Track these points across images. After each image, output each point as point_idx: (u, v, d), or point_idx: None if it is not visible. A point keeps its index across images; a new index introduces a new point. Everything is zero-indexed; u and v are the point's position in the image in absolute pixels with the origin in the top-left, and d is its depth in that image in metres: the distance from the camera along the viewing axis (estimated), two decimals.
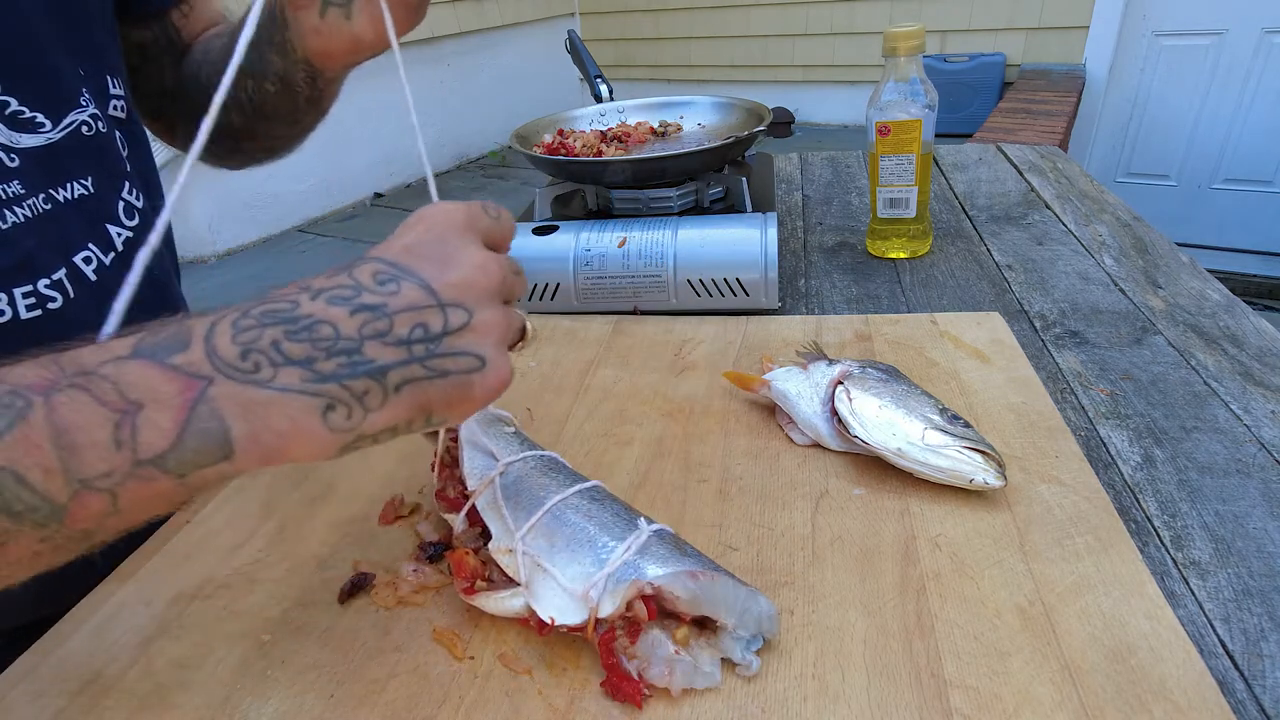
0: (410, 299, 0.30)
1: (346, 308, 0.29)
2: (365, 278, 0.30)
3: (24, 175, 0.44)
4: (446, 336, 0.30)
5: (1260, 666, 0.37)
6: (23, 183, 0.44)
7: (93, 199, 0.48)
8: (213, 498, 0.52)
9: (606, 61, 4.01)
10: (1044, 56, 2.98)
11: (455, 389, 0.31)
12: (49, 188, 0.45)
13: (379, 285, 0.30)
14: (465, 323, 0.31)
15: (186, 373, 0.27)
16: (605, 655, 0.36)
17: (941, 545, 0.43)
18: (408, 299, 0.30)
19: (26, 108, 0.44)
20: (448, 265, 0.31)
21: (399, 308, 0.30)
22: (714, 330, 0.69)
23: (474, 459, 0.46)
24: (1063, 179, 1.04)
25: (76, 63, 0.48)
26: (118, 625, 0.43)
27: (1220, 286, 0.72)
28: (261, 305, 0.29)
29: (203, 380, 0.27)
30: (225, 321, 0.28)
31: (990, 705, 0.34)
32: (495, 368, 0.32)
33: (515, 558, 0.39)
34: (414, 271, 0.31)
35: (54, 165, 0.46)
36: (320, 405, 0.28)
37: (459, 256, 0.32)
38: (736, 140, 0.79)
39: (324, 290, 0.30)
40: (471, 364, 0.31)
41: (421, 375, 0.30)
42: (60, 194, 0.46)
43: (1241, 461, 0.50)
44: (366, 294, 0.30)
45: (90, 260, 0.47)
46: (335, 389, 0.28)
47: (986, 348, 0.63)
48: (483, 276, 0.32)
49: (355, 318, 0.29)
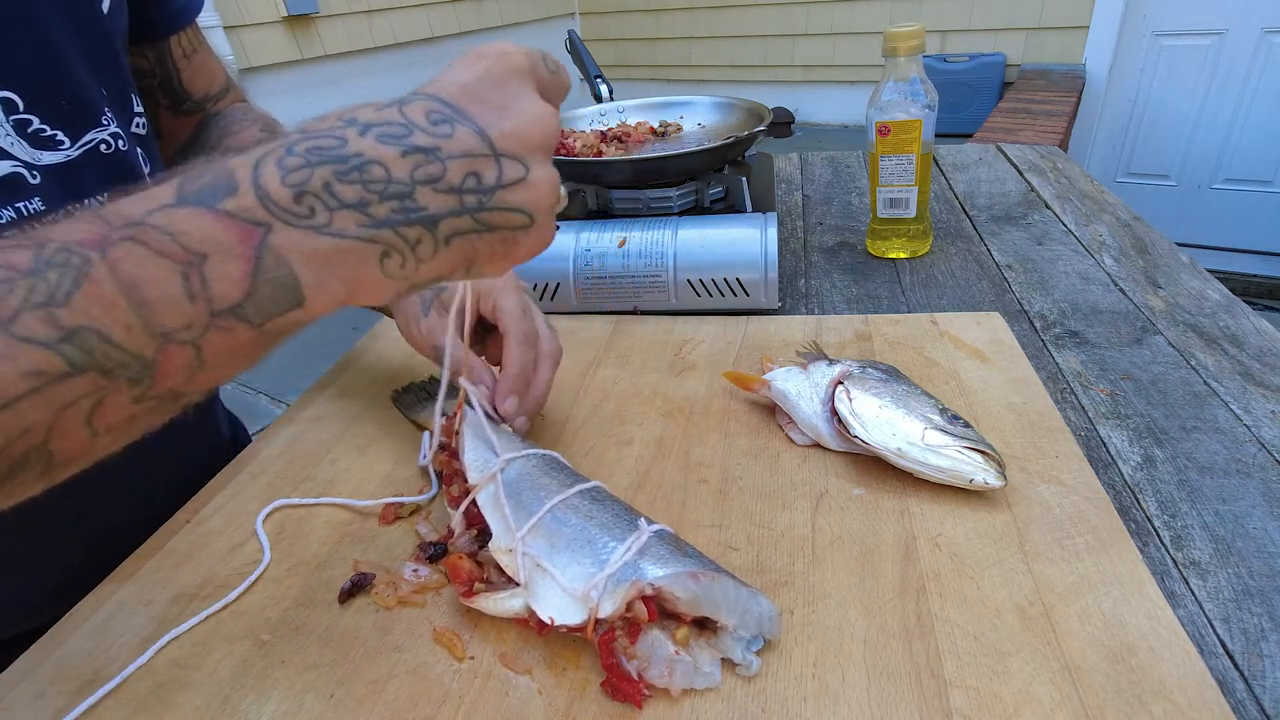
0: (465, 145, 0.29)
1: (398, 147, 0.28)
2: (418, 115, 0.29)
3: (45, 192, 0.44)
4: (499, 190, 0.29)
5: (1260, 666, 0.37)
6: (44, 200, 0.44)
7: None
8: (213, 497, 0.52)
9: (606, 61, 4.01)
10: (1044, 56, 2.97)
11: (501, 245, 0.30)
12: (67, 205, 0.45)
13: (432, 125, 0.29)
14: (520, 178, 0.30)
15: (243, 219, 0.26)
16: (605, 655, 0.36)
17: (941, 545, 0.43)
18: (463, 144, 0.29)
19: (48, 126, 0.44)
20: (505, 113, 0.30)
21: (453, 153, 0.28)
22: (714, 330, 0.69)
23: (475, 450, 0.46)
24: (1063, 179, 1.04)
25: (99, 81, 0.48)
26: (118, 625, 0.43)
27: (1220, 286, 0.72)
28: (305, 140, 0.27)
29: (261, 227, 0.26)
30: (270, 161, 0.27)
31: (990, 705, 0.34)
32: (540, 227, 0.31)
33: (515, 557, 0.39)
34: (470, 115, 0.29)
35: (73, 182, 0.46)
36: (377, 252, 0.28)
37: (517, 105, 0.30)
38: (736, 140, 0.79)
39: (372, 125, 0.28)
40: (521, 220, 0.30)
41: (471, 228, 0.29)
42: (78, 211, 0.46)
43: (1241, 461, 0.50)
44: (419, 134, 0.28)
45: None
46: (390, 235, 0.28)
47: (986, 348, 0.63)
48: (539, 130, 0.30)
49: (407, 159, 0.28)
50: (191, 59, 0.60)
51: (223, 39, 2.72)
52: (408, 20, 3.46)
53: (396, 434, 0.58)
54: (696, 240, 0.71)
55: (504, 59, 0.31)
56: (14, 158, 0.43)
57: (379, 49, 3.38)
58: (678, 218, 0.73)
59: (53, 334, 0.23)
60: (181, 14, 0.58)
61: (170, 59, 0.59)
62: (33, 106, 0.44)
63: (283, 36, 2.97)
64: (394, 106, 0.29)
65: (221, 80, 0.64)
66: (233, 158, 0.27)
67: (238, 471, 0.55)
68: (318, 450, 0.57)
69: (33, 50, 0.44)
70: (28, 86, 0.43)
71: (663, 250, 0.71)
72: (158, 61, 0.58)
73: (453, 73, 0.31)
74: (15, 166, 0.43)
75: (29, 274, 0.24)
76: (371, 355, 0.71)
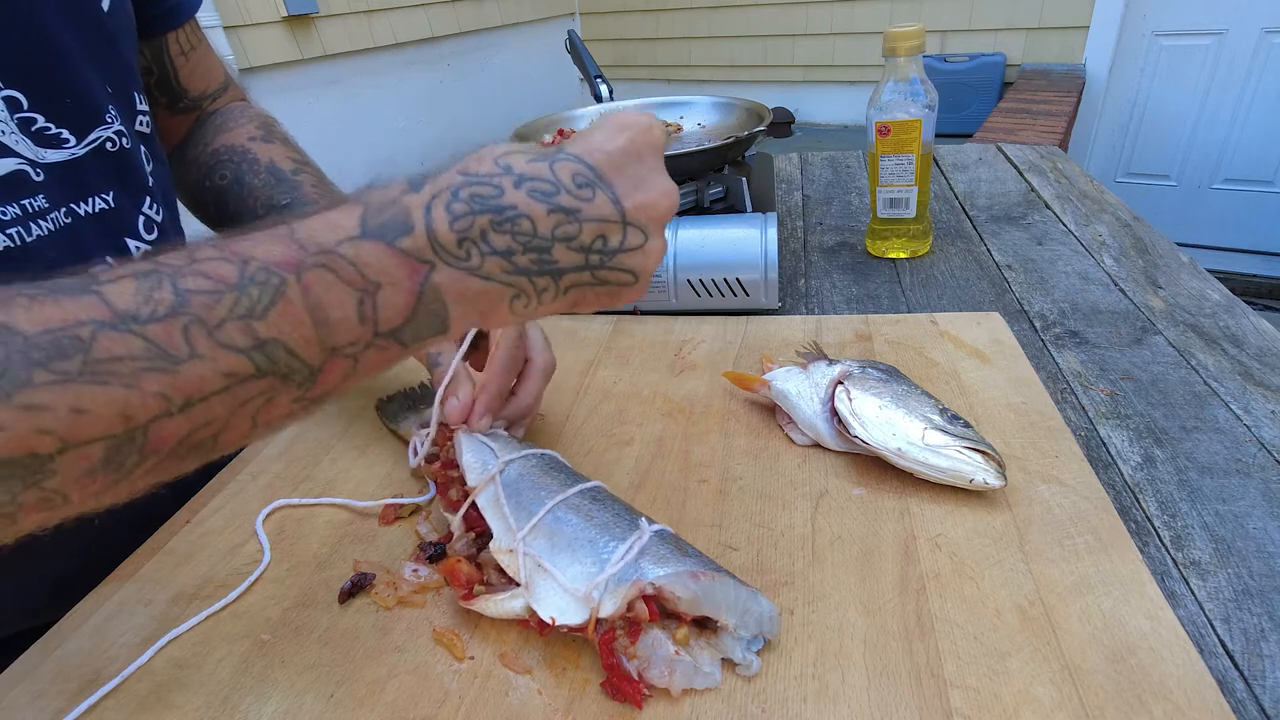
0: (601, 211, 0.32)
1: (545, 205, 0.31)
2: (565, 177, 0.32)
3: (48, 190, 0.44)
4: (620, 253, 0.33)
5: (1260, 666, 0.37)
6: (47, 197, 0.44)
7: (112, 213, 0.48)
8: (213, 497, 0.52)
9: (606, 61, 4.01)
10: (1044, 56, 2.97)
11: (605, 296, 0.35)
12: (70, 202, 0.46)
13: (576, 188, 0.32)
14: (640, 245, 0.34)
15: (414, 257, 0.30)
16: (605, 655, 0.36)
17: (941, 545, 0.43)
18: (599, 211, 0.32)
19: (53, 124, 0.45)
20: (639, 186, 0.33)
21: (590, 217, 0.32)
22: (714, 330, 0.69)
23: (474, 453, 0.46)
24: (1063, 179, 1.04)
25: (103, 79, 0.48)
26: (118, 625, 0.43)
27: (1220, 286, 0.72)
28: (469, 185, 0.31)
29: (426, 265, 0.30)
30: (440, 203, 0.30)
31: (990, 705, 0.34)
32: (641, 285, 0.35)
33: (516, 558, 0.39)
34: (610, 184, 0.33)
35: (77, 180, 0.46)
36: (511, 294, 0.32)
37: (650, 180, 0.34)
38: (736, 140, 0.79)
39: (525, 179, 0.31)
40: (628, 280, 0.34)
41: (587, 282, 0.33)
42: (81, 208, 0.46)
43: (1241, 461, 0.50)
44: (564, 195, 0.32)
45: None
46: (525, 282, 0.32)
47: (986, 348, 0.62)
48: (665, 205, 0.34)
49: (551, 217, 0.31)
50: (189, 56, 0.60)
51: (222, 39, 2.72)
52: (408, 20, 3.45)
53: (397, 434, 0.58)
54: (696, 240, 0.71)
55: (647, 135, 0.34)
56: (18, 155, 0.43)
57: (379, 49, 3.38)
58: (678, 218, 0.73)
59: (248, 342, 0.27)
60: (179, 11, 0.58)
61: (168, 56, 0.59)
62: (37, 105, 0.44)
63: (283, 36, 2.97)
64: (545, 163, 0.32)
65: (220, 78, 0.64)
66: (407, 195, 0.31)
67: (238, 471, 0.55)
68: (318, 450, 0.57)
69: (36, 49, 0.44)
70: (32, 85, 0.43)
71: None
72: (155, 59, 0.58)
73: (598, 138, 0.34)
74: (19, 164, 0.43)
75: (234, 288, 0.27)
76: None
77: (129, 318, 0.26)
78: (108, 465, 0.26)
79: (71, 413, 0.24)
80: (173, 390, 0.26)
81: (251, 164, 0.59)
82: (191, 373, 0.26)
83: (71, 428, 0.25)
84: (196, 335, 0.26)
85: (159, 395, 0.26)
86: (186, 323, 0.26)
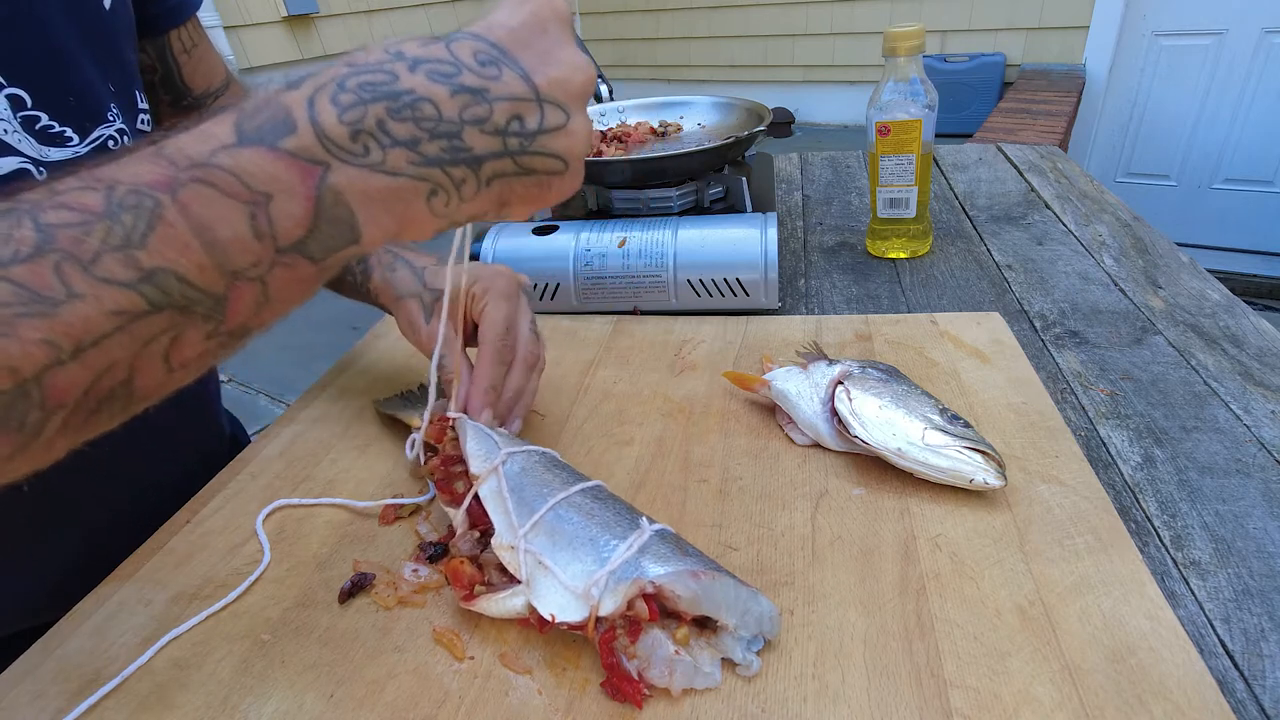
0: (511, 89, 0.30)
1: (447, 86, 0.29)
2: (466, 55, 0.29)
3: None
4: (540, 135, 0.30)
5: (1260, 666, 0.37)
6: None
7: None
8: (213, 497, 0.52)
9: (606, 61, 4.01)
10: (1044, 56, 2.98)
11: (535, 188, 0.32)
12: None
13: (480, 66, 0.29)
14: (560, 124, 0.31)
15: (303, 158, 0.27)
16: (605, 655, 0.36)
17: (941, 545, 0.43)
18: (509, 88, 0.29)
19: (56, 122, 0.45)
20: (549, 59, 0.31)
21: (499, 95, 0.29)
22: (714, 330, 0.69)
23: (479, 440, 0.46)
24: (1063, 179, 1.04)
25: (105, 78, 0.48)
26: (118, 625, 0.43)
27: (1220, 286, 0.72)
28: (357, 75, 0.28)
29: (320, 165, 0.27)
30: (324, 96, 0.27)
31: (990, 705, 0.34)
32: (573, 174, 0.32)
33: (517, 554, 0.39)
34: (516, 59, 0.30)
35: None
36: (426, 190, 0.29)
37: (560, 53, 0.31)
38: (736, 140, 0.79)
39: (421, 61, 0.29)
40: (557, 166, 0.31)
41: (511, 170, 0.30)
42: None
43: (1241, 461, 0.50)
44: (467, 73, 0.29)
45: None
46: (438, 174, 0.29)
47: (986, 348, 0.63)
48: (580, 79, 0.31)
49: (456, 99, 0.29)
50: (192, 54, 0.60)
51: (223, 39, 2.72)
52: (408, 20, 3.46)
53: (396, 434, 0.58)
54: (696, 240, 0.71)
55: (548, 4, 0.32)
56: (21, 153, 0.43)
57: None
58: (678, 218, 0.73)
59: (132, 275, 0.25)
60: (181, 9, 0.58)
61: (170, 54, 0.59)
62: (40, 103, 0.44)
63: (283, 36, 2.97)
64: (440, 44, 0.29)
65: (222, 76, 0.64)
66: (284, 93, 0.28)
67: (238, 471, 0.55)
68: (318, 450, 0.57)
69: (38, 47, 0.44)
70: (35, 83, 0.43)
71: (663, 250, 0.71)
72: (158, 57, 0.58)
73: (498, 14, 0.31)
74: (22, 162, 0.43)
75: (104, 216, 0.24)
76: (371, 355, 0.71)
77: None
78: (6, 425, 0.24)
79: None
80: (57, 335, 0.24)
81: None
82: (74, 314, 0.24)
83: None
84: (70, 273, 0.24)
85: (43, 343, 0.23)
86: (57, 260, 0.24)
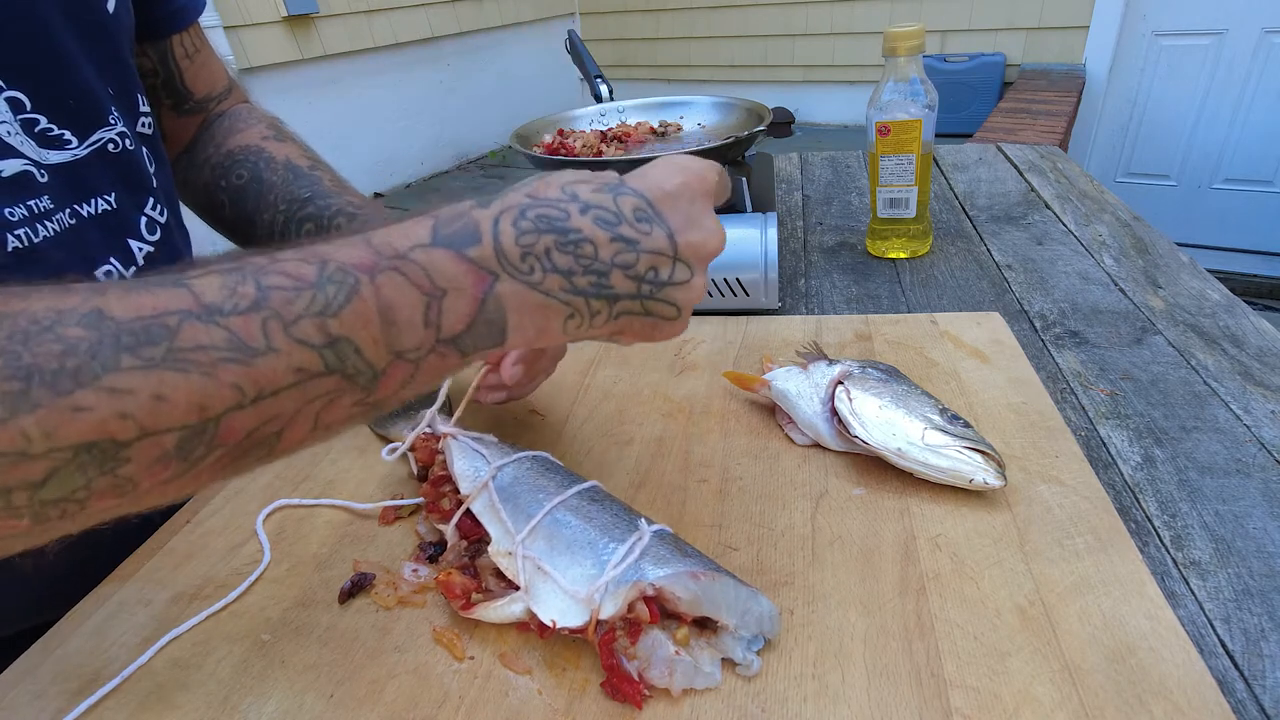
0: (657, 244, 0.35)
1: (608, 233, 0.34)
2: (627, 209, 0.35)
3: (52, 191, 0.44)
4: (668, 286, 0.36)
5: (1260, 666, 0.37)
6: (51, 198, 0.44)
7: (115, 214, 0.49)
8: (213, 497, 0.52)
9: (606, 61, 4.01)
10: (1044, 56, 2.98)
11: (649, 327, 0.37)
12: (73, 203, 0.46)
13: (637, 221, 0.35)
14: (686, 280, 0.36)
15: (480, 266, 0.31)
16: (605, 656, 0.36)
17: (941, 545, 0.43)
18: (655, 244, 0.35)
19: (55, 125, 0.45)
20: (691, 224, 0.36)
21: (647, 248, 0.35)
22: (714, 330, 0.69)
23: (465, 459, 0.46)
24: (1063, 179, 1.04)
25: (105, 81, 0.48)
26: (118, 625, 0.43)
27: (1220, 286, 0.72)
28: (536, 207, 0.33)
29: (491, 275, 0.32)
30: (507, 219, 0.32)
31: (990, 705, 0.34)
32: (681, 321, 0.38)
33: (515, 560, 0.39)
34: (666, 220, 0.35)
35: (79, 181, 0.46)
36: (566, 312, 0.34)
37: (701, 220, 0.37)
38: (736, 140, 0.79)
39: (591, 207, 0.34)
40: (671, 313, 0.37)
41: (636, 310, 0.36)
42: (84, 209, 0.47)
43: (1241, 461, 0.50)
44: (625, 226, 0.34)
45: (111, 274, 0.48)
46: (581, 302, 0.34)
47: (986, 348, 0.62)
48: (713, 245, 0.37)
49: (612, 245, 0.34)
50: (194, 59, 0.60)
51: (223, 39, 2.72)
52: (408, 20, 3.46)
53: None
54: None
55: (702, 180, 0.37)
56: (23, 156, 0.43)
57: (379, 49, 3.38)
58: None
59: (321, 339, 0.28)
60: (183, 13, 0.58)
61: (172, 59, 0.59)
62: (40, 106, 0.44)
63: (283, 36, 2.97)
64: (609, 194, 0.35)
65: (224, 81, 0.64)
66: (476, 209, 0.33)
67: None
68: (318, 450, 0.57)
69: (39, 50, 0.44)
70: (35, 86, 0.43)
71: None
72: (160, 61, 0.58)
73: (656, 176, 0.37)
74: (25, 164, 0.43)
75: (313, 286, 0.28)
76: None
77: (214, 309, 0.27)
78: (179, 454, 0.26)
79: (152, 399, 0.25)
80: (246, 382, 0.27)
81: (268, 161, 0.59)
82: (265, 365, 0.27)
83: (151, 414, 0.25)
84: (274, 329, 0.27)
85: (234, 386, 0.26)
86: (265, 317, 0.27)
